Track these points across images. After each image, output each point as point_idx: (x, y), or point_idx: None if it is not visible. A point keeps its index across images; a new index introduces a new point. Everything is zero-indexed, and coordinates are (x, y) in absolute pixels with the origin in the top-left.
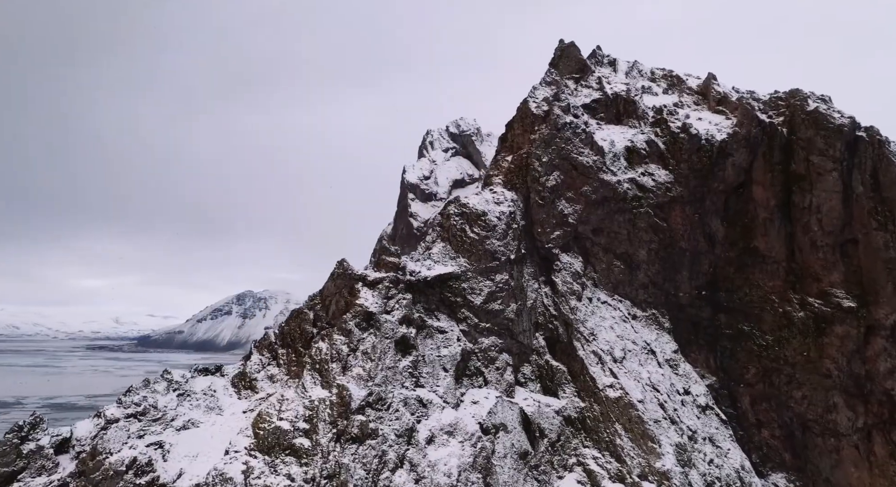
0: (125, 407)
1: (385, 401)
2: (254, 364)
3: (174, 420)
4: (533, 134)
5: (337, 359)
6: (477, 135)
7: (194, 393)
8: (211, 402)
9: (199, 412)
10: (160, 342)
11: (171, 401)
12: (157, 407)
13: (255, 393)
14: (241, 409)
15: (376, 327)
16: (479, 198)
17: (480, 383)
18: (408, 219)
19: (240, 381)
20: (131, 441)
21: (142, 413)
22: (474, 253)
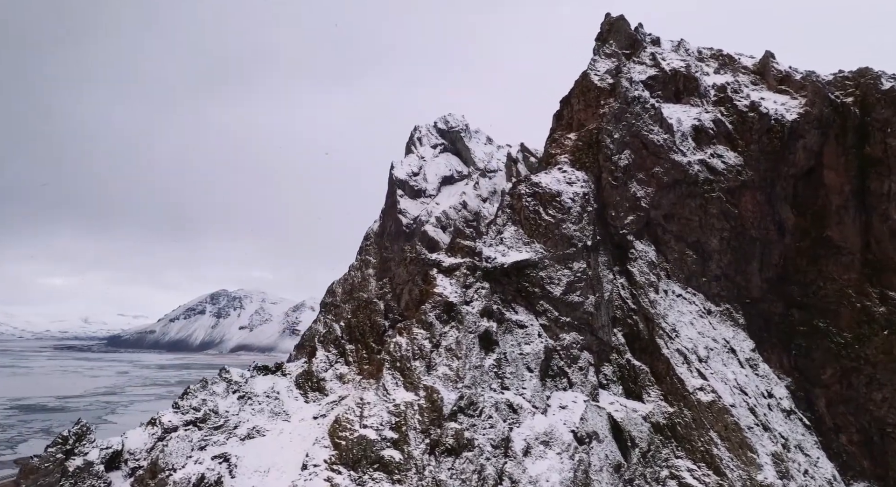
0: (183, 413)
1: (476, 406)
2: (320, 361)
3: (237, 428)
4: (599, 108)
5: (420, 356)
6: (465, 132)
7: (255, 395)
8: (275, 406)
9: (263, 417)
10: (131, 342)
11: (232, 405)
12: (218, 413)
13: (323, 395)
14: (311, 414)
15: (458, 320)
16: (549, 177)
17: (565, 385)
18: (396, 215)
19: (305, 381)
20: (196, 454)
21: (202, 420)
22: (550, 239)
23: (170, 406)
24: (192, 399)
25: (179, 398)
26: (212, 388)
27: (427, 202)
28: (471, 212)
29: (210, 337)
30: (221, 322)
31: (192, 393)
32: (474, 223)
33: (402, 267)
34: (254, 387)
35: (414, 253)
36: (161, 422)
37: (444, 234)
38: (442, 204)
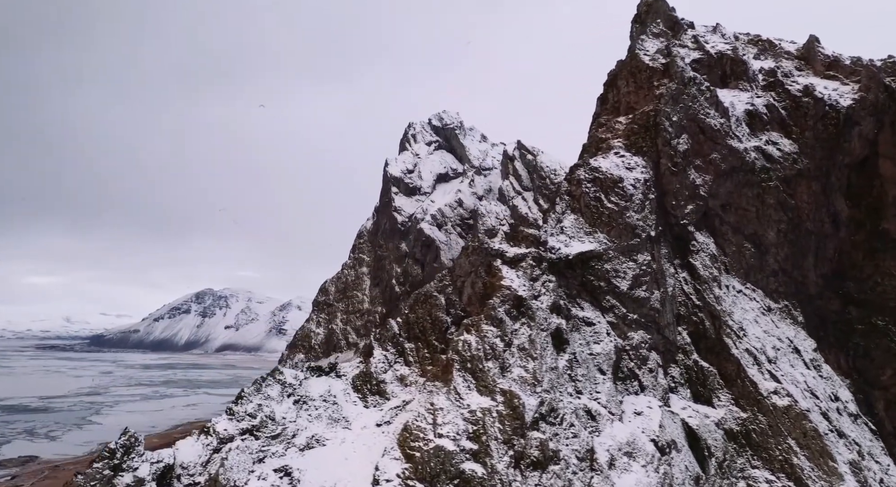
0: (238, 420)
1: (557, 413)
2: (377, 362)
3: (295, 437)
4: (652, 90)
5: (492, 356)
6: (460, 129)
7: (311, 399)
8: (333, 412)
9: (321, 424)
10: (114, 341)
11: (288, 411)
12: (275, 419)
13: (384, 399)
14: (374, 421)
15: (529, 316)
16: (608, 162)
17: (636, 388)
18: (391, 213)
19: (363, 384)
20: (257, 468)
21: (258, 428)
22: (614, 228)
23: (224, 414)
24: (246, 404)
25: (233, 403)
26: (266, 391)
27: (422, 200)
28: (466, 209)
29: (195, 336)
30: (207, 321)
31: (247, 397)
32: (470, 221)
33: (464, 258)
34: (309, 390)
35: (476, 243)
36: (215, 431)
37: (440, 232)
38: (437, 201)
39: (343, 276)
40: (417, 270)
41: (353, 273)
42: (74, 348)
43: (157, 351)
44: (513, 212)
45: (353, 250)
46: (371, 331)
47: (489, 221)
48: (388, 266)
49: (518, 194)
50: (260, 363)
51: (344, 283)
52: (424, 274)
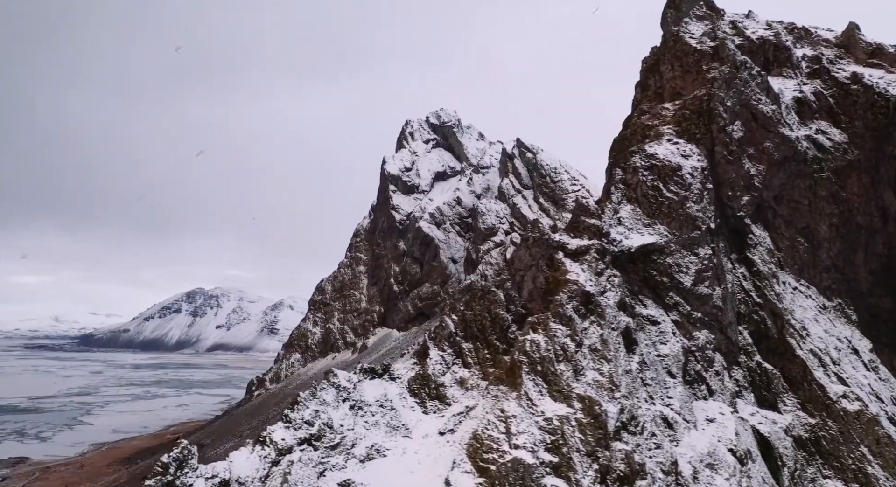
0: (295, 428)
1: (637, 421)
2: (434, 363)
3: (355, 447)
4: (702, 74)
5: (564, 358)
6: (458, 127)
7: (367, 404)
8: (391, 418)
9: (379, 433)
10: (104, 341)
11: (345, 417)
12: (333, 427)
13: (444, 404)
14: (436, 429)
15: (598, 314)
16: (664, 149)
17: (704, 393)
18: (390, 211)
19: (421, 388)
20: (321, 482)
21: (317, 437)
22: (674, 219)
23: (280, 422)
24: (303, 410)
25: (289, 409)
26: (321, 396)
27: (420, 198)
28: (465, 208)
29: (186, 336)
30: (198, 321)
31: (303, 402)
32: (469, 219)
33: (523, 250)
34: (364, 394)
35: (537, 234)
36: (273, 442)
37: (439, 231)
38: (435, 200)
39: (340, 275)
40: (416, 269)
41: (350, 272)
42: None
43: (147, 351)
44: (513, 210)
45: (350, 249)
46: (369, 331)
47: (489, 220)
48: (387, 265)
49: (518, 192)
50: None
51: (341, 282)
52: (423, 272)
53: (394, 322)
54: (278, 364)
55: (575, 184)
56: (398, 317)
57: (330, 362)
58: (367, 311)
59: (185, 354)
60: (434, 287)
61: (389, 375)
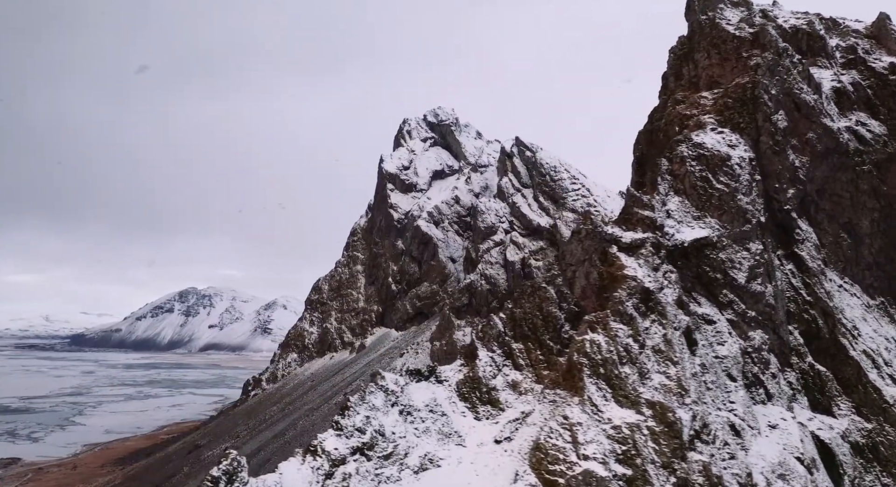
0: (347, 436)
1: (709, 429)
2: (484, 364)
3: (408, 456)
4: (742, 60)
5: (628, 360)
6: (456, 126)
7: (416, 409)
8: (443, 425)
9: (431, 440)
10: (96, 340)
11: (396, 424)
12: (384, 434)
13: (497, 409)
14: (491, 436)
15: (659, 312)
16: (710, 138)
17: (762, 397)
18: (387, 210)
19: (471, 392)
20: None
21: (369, 446)
22: (725, 212)
23: (330, 429)
24: (353, 416)
25: (339, 415)
26: (370, 400)
27: (418, 196)
28: (463, 207)
29: (179, 335)
30: (190, 320)
31: (353, 408)
32: (467, 218)
33: (575, 244)
34: (412, 398)
35: (590, 226)
36: (325, 452)
37: (437, 230)
38: (434, 198)
39: (337, 274)
40: (414, 268)
41: (347, 271)
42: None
43: (139, 351)
44: (512, 209)
45: (347, 248)
46: (367, 330)
47: (489, 218)
48: (384, 264)
49: (518, 191)
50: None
51: (338, 282)
52: (422, 272)
53: (392, 321)
54: (275, 363)
55: (575, 182)
56: (396, 317)
57: (327, 362)
58: (364, 311)
59: (178, 354)
60: (433, 286)
61: (436, 377)
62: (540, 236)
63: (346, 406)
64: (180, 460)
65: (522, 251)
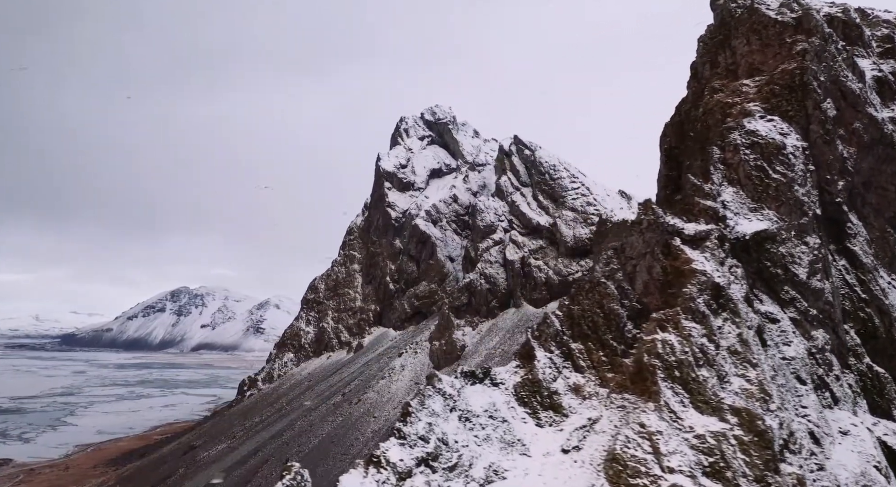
0: (411, 446)
1: (794, 438)
2: (543, 366)
3: (472, 467)
4: (785, 46)
5: (705, 362)
6: (453, 124)
7: (475, 415)
8: (505, 432)
9: (493, 449)
10: (87, 340)
11: (457, 431)
12: (448, 444)
13: (561, 415)
14: (557, 445)
15: (731, 309)
16: (763, 126)
17: (828, 400)
18: (385, 208)
19: (530, 395)
20: None
21: (434, 457)
22: (783, 204)
23: (392, 437)
24: (416, 422)
25: (400, 422)
26: (430, 405)
27: (416, 195)
28: (462, 205)
29: (170, 335)
30: (182, 320)
31: (415, 414)
32: (466, 217)
33: (636, 235)
34: (469, 402)
35: (651, 216)
36: (390, 463)
37: (435, 228)
38: (431, 197)
39: (333, 274)
40: (412, 267)
41: (343, 270)
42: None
43: (130, 351)
44: (511, 207)
45: (344, 247)
46: (365, 330)
47: (488, 217)
48: (382, 263)
49: (517, 190)
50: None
51: (335, 281)
52: (420, 271)
53: (390, 321)
54: (270, 363)
55: (574, 181)
56: (394, 316)
57: (324, 362)
58: (362, 310)
59: (170, 354)
60: (431, 285)
61: (491, 380)
62: (539, 235)
63: (407, 412)
64: (175, 461)
65: (522, 250)
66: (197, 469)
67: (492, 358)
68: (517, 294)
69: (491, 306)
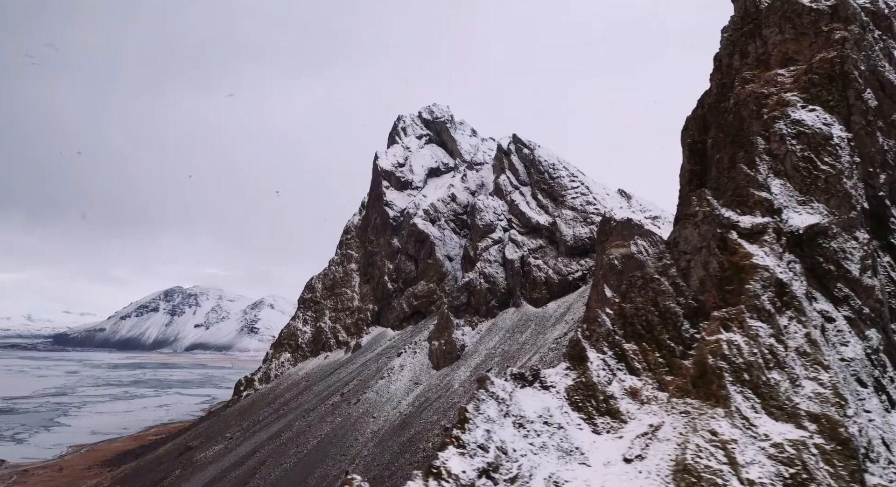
0: (471, 455)
1: (872, 447)
2: (596, 368)
3: (532, 478)
4: (821, 34)
5: (775, 365)
6: (451, 123)
7: (528, 420)
8: (561, 439)
9: (551, 458)
10: (79, 340)
11: (514, 439)
12: (507, 452)
13: (619, 421)
14: (618, 454)
15: (795, 307)
16: (806, 115)
17: (885, 404)
18: (383, 207)
19: (585, 400)
20: None
21: (495, 468)
22: (832, 197)
23: (450, 446)
24: (474, 430)
25: (458, 428)
26: (485, 410)
27: (414, 194)
28: (460, 204)
29: (164, 335)
30: (176, 320)
31: (472, 420)
32: (464, 216)
33: (691, 229)
34: (522, 407)
35: (707, 208)
36: (452, 475)
37: (434, 227)
38: (429, 196)
39: (330, 273)
40: (411, 266)
41: (340, 269)
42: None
43: (123, 351)
44: (511, 206)
45: (340, 246)
46: (362, 329)
47: (487, 216)
48: (380, 262)
49: (516, 189)
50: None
51: (332, 280)
52: (418, 270)
53: (388, 320)
54: (267, 363)
55: (574, 180)
56: (393, 316)
57: (322, 362)
58: (359, 310)
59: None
60: (430, 285)
61: (541, 382)
62: (539, 234)
63: (464, 418)
64: (172, 462)
65: (521, 249)
66: (194, 470)
67: (492, 358)
68: (517, 293)
69: (490, 305)
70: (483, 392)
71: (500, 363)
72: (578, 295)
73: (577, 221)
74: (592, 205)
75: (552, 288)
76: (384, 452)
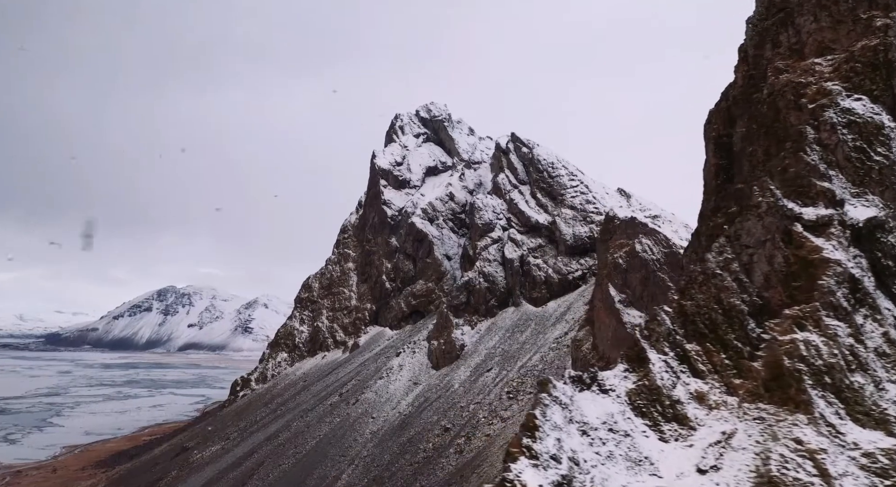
0: (544, 467)
1: None
2: (659, 370)
3: None
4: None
5: (857, 367)
6: (449, 122)
7: (593, 428)
8: (628, 448)
9: (619, 469)
10: (71, 340)
11: (582, 448)
12: (578, 463)
13: (687, 428)
14: (690, 464)
15: (870, 305)
16: (859, 104)
17: None
18: (381, 206)
19: (648, 405)
20: None
21: (568, 481)
22: (888, 189)
23: (521, 457)
24: (545, 439)
25: (529, 437)
26: (551, 417)
27: (412, 193)
28: (458, 203)
29: (157, 335)
30: (169, 319)
31: (541, 428)
32: (462, 215)
33: (753, 220)
34: (584, 413)
35: (771, 198)
36: None
37: (432, 227)
38: (427, 195)
39: (327, 272)
40: (409, 266)
41: (338, 269)
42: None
43: (116, 351)
44: (510, 205)
45: (338, 245)
46: (360, 329)
47: (486, 215)
48: (378, 261)
49: (515, 188)
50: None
51: (329, 280)
52: (417, 269)
53: (386, 320)
54: (264, 363)
55: (573, 179)
56: (391, 315)
57: (319, 362)
58: (357, 309)
59: (157, 353)
60: (428, 284)
61: (599, 386)
62: (538, 233)
63: (534, 426)
64: (167, 463)
65: (521, 248)
66: (191, 471)
67: (492, 358)
68: (516, 292)
69: (490, 305)
70: (546, 396)
71: (500, 363)
72: (579, 295)
73: (576, 220)
74: (592, 203)
75: (552, 288)
76: (384, 453)
